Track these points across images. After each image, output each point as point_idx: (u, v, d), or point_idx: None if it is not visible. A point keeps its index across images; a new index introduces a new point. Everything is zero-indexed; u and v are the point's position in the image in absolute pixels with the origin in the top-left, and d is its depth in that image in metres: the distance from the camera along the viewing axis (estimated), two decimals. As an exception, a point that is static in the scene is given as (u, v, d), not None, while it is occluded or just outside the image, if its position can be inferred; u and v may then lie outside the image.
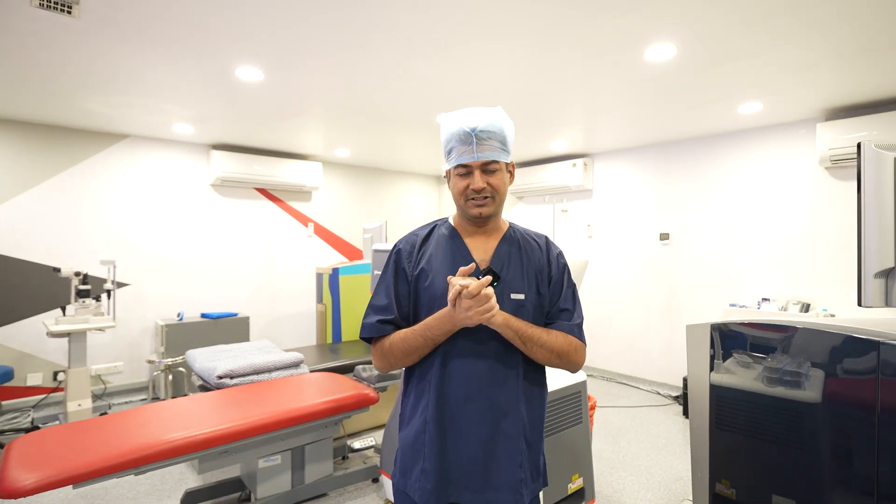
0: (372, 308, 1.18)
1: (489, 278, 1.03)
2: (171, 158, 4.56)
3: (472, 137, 1.10)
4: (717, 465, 1.84)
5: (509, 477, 1.09)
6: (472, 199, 1.13)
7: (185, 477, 2.83)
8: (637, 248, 4.83)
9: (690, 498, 2.60)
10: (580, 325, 1.19)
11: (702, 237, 4.36)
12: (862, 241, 1.11)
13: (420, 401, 1.14)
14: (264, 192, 5.13)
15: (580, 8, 2.07)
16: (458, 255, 1.17)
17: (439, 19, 2.16)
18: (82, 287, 3.49)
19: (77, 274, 3.49)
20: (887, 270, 1.09)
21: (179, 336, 4.18)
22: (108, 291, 3.65)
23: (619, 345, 4.96)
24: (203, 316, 4.49)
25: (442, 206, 6.74)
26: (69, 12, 2.01)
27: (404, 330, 1.14)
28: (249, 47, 2.45)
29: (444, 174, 1.21)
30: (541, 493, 1.52)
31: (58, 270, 3.42)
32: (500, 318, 1.05)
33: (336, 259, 5.62)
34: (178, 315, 4.37)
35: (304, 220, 5.44)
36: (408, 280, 1.17)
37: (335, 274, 4.41)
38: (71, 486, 1.76)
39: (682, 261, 4.49)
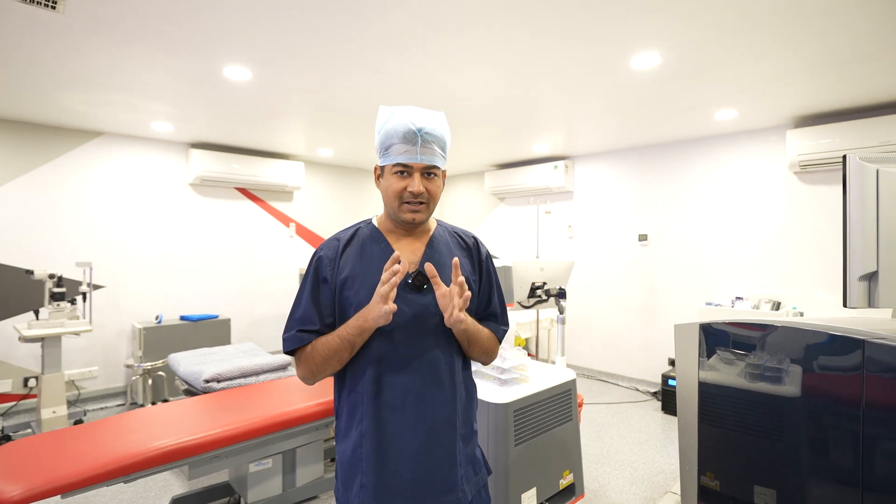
0: (292, 321, 1.10)
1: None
2: (149, 157, 4.43)
3: (417, 137, 1.04)
4: (702, 458, 1.93)
5: (450, 477, 1.08)
6: (408, 202, 1.07)
7: (169, 483, 2.77)
8: (616, 249, 4.96)
9: (673, 490, 2.70)
10: (505, 330, 1.23)
11: (679, 238, 4.51)
12: (847, 246, 1.19)
13: (355, 412, 1.08)
14: (245, 192, 5.05)
15: (571, 15, 2.12)
16: (384, 259, 1.08)
17: (424, 21, 2.18)
18: (56, 290, 3.37)
19: (51, 276, 3.37)
20: (870, 274, 1.17)
21: (158, 339, 4.08)
22: (84, 294, 3.53)
23: (600, 343, 5.08)
24: (182, 318, 4.39)
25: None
26: (53, 7, 1.94)
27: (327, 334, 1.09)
28: (239, 46, 2.42)
29: (374, 171, 1.13)
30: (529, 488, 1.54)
31: (31, 272, 3.28)
32: (464, 323, 1.05)
33: (318, 260, 5.55)
34: (157, 318, 4.25)
35: (285, 220, 5.37)
36: (331, 289, 1.10)
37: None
38: (59, 497, 1.71)
39: (660, 261, 4.64)
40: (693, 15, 2.09)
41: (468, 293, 1.02)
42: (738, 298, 3.99)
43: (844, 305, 1.21)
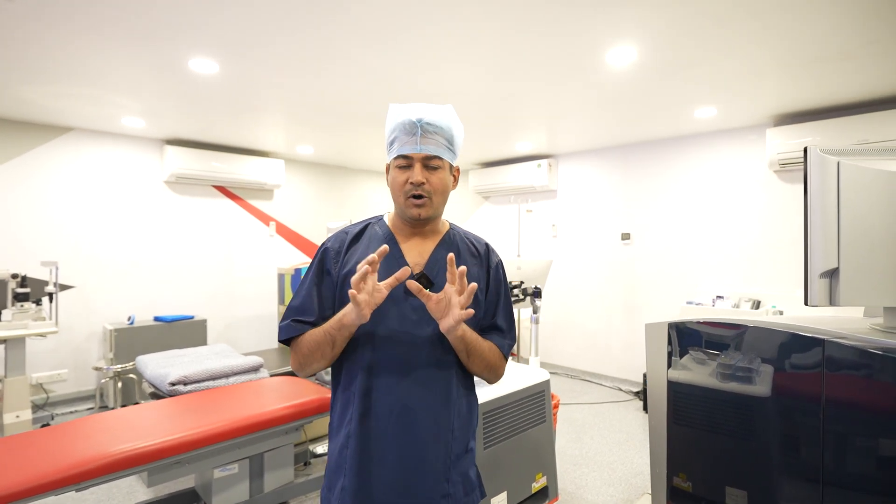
0: (289, 310, 1.09)
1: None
2: (121, 153, 4.32)
3: (416, 128, 1.03)
4: (674, 459, 1.89)
5: (434, 493, 1.04)
6: (412, 196, 1.05)
7: (134, 490, 2.69)
8: (600, 248, 4.94)
9: (650, 492, 2.67)
10: (511, 345, 1.16)
11: (661, 237, 4.50)
12: (808, 242, 1.15)
13: (346, 412, 1.06)
14: (223, 190, 4.95)
15: (541, 8, 2.08)
16: (390, 258, 1.08)
17: (401, 16, 2.13)
18: (20, 290, 3.26)
19: (14, 276, 3.26)
20: (831, 271, 1.13)
21: (130, 341, 3.97)
22: (50, 294, 3.42)
23: (583, 342, 5.06)
24: (156, 319, 4.28)
25: (408, 205, 6.68)
26: (0, -6, 1.86)
27: None
28: (203, 37, 2.34)
29: (385, 168, 1.13)
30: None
31: (-8, 272, 3.18)
32: (460, 330, 1.00)
33: (299, 259, 5.48)
34: (129, 318, 4.15)
35: (265, 219, 5.28)
36: (333, 282, 1.08)
37: (298, 274, 4.29)
38: (2, 507, 1.63)
39: (643, 260, 4.62)
40: (663, 8, 2.05)
41: (473, 286, 0.96)
42: (718, 297, 3.98)
43: (805, 304, 1.17)
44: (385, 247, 0.95)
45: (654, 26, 2.22)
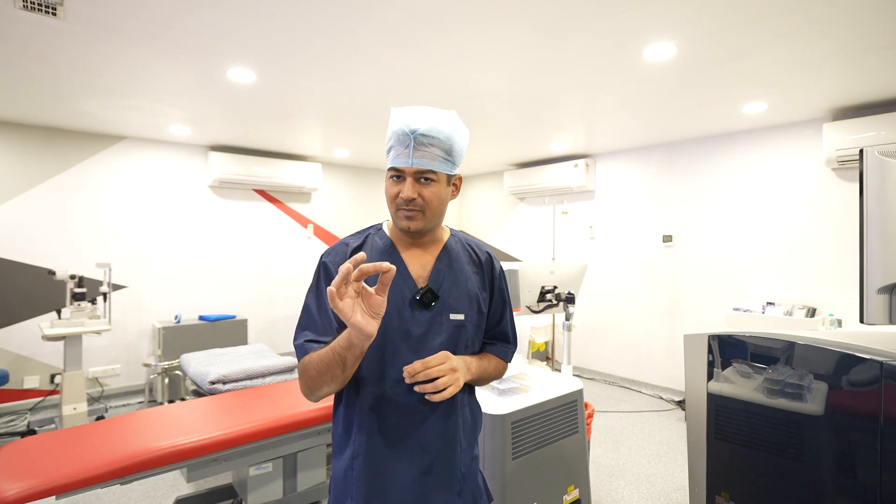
0: (302, 329, 1.02)
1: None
2: (169, 160, 4.54)
3: (410, 140, 0.96)
4: (715, 477, 1.79)
5: None
6: (402, 209, 1.01)
7: (177, 483, 2.80)
8: (639, 251, 4.76)
9: (691, 508, 2.54)
10: (514, 351, 1.22)
11: (705, 239, 4.29)
12: (865, 253, 1.04)
13: (349, 431, 1.02)
14: (263, 194, 5.11)
15: (575, 6, 2.01)
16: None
17: (431, 19, 2.12)
18: (77, 290, 3.48)
19: (72, 277, 3.47)
20: (892, 286, 1.02)
21: (177, 338, 4.16)
22: (104, 294, 3.63)
23: (621, 348, 4.89)
24: (201, 318, 4.47)
25: (443, 206, 6.68)
26: (53, 13, 1.97)
27: None
28: (240, 48, 2.41)
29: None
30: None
31: (53, 273, 3.40)
32: (465, 377, 1.02)
33: (336, 260, 5.57)
34: (176, 317, 4.34)
35: (303, 221, 5.41)
36: None
37: (333, 276, 4.36)
38: (54, 498, 1.73)
39: (686, 263, 4.42)
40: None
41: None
42: (769, 304, 3.75)
43: (861, 321, 1.06)
44: (386, 264, 0.85)
45: (693, 18, 2.11)
